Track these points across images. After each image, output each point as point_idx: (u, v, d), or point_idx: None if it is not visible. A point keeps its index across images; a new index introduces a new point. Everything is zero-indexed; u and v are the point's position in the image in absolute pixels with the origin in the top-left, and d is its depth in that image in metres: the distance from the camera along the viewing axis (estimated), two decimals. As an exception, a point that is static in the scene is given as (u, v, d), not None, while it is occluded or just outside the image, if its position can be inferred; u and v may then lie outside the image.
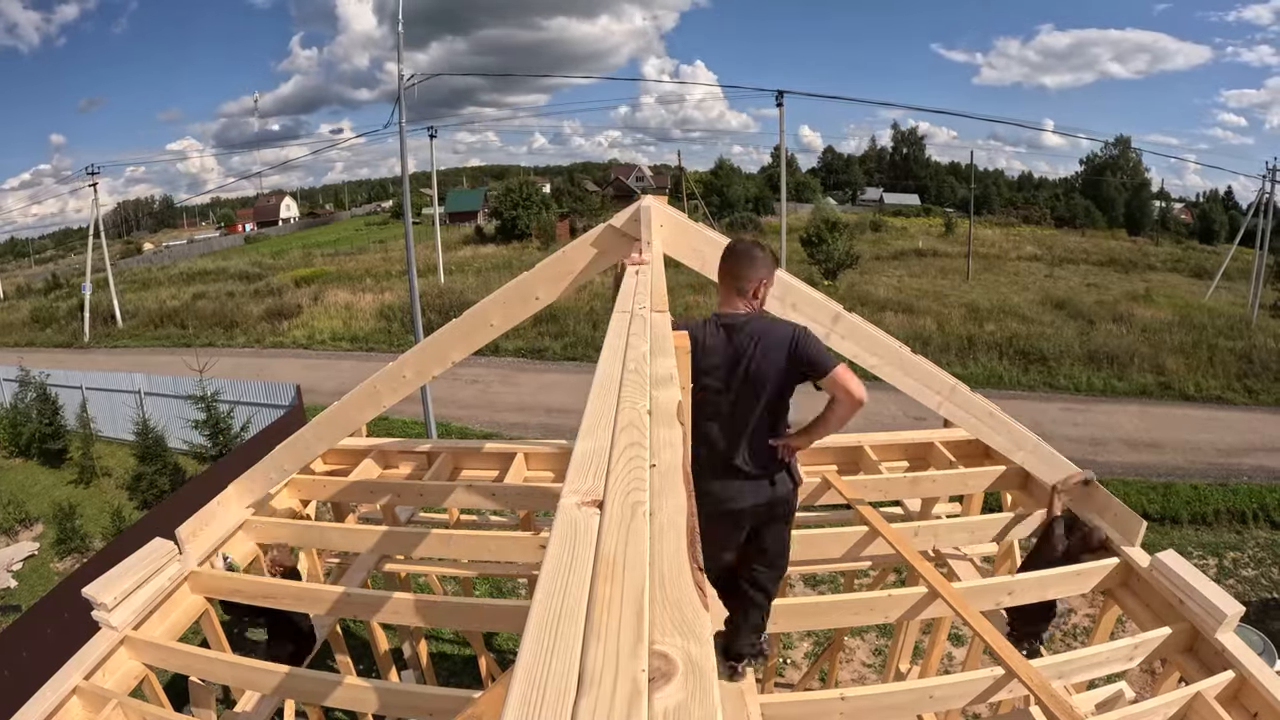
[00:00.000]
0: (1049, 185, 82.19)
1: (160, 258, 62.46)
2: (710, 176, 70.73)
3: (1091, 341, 21.75)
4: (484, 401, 18.55)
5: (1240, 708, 3.23)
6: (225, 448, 13.49)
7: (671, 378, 1.61)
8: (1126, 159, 73.88)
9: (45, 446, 16.06)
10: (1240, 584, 10.45)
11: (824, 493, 4.95)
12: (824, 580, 9.92)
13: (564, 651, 0.70)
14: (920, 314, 25.95)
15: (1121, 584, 4.00)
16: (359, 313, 29.11)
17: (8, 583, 11.46)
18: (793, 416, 2.88)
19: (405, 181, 15.49)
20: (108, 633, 3.81)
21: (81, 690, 3.53)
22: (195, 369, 13.88)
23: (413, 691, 3.81)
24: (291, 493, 5.38)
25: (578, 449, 1.17)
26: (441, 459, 5.91)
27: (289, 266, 44.79)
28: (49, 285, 48.21)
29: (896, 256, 43.97)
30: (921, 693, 3.39)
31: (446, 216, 60.03)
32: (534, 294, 3.70)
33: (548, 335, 23.65)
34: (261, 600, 4.57)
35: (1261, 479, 13.33)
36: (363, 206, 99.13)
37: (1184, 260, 47.52)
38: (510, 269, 32.90)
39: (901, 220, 62.97)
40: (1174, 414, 17.18)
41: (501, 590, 10.10)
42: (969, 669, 5.34)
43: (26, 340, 31.66)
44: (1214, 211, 69.74)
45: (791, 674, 8.54)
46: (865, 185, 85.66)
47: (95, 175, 33.88)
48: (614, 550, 0.86)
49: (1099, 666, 3.49)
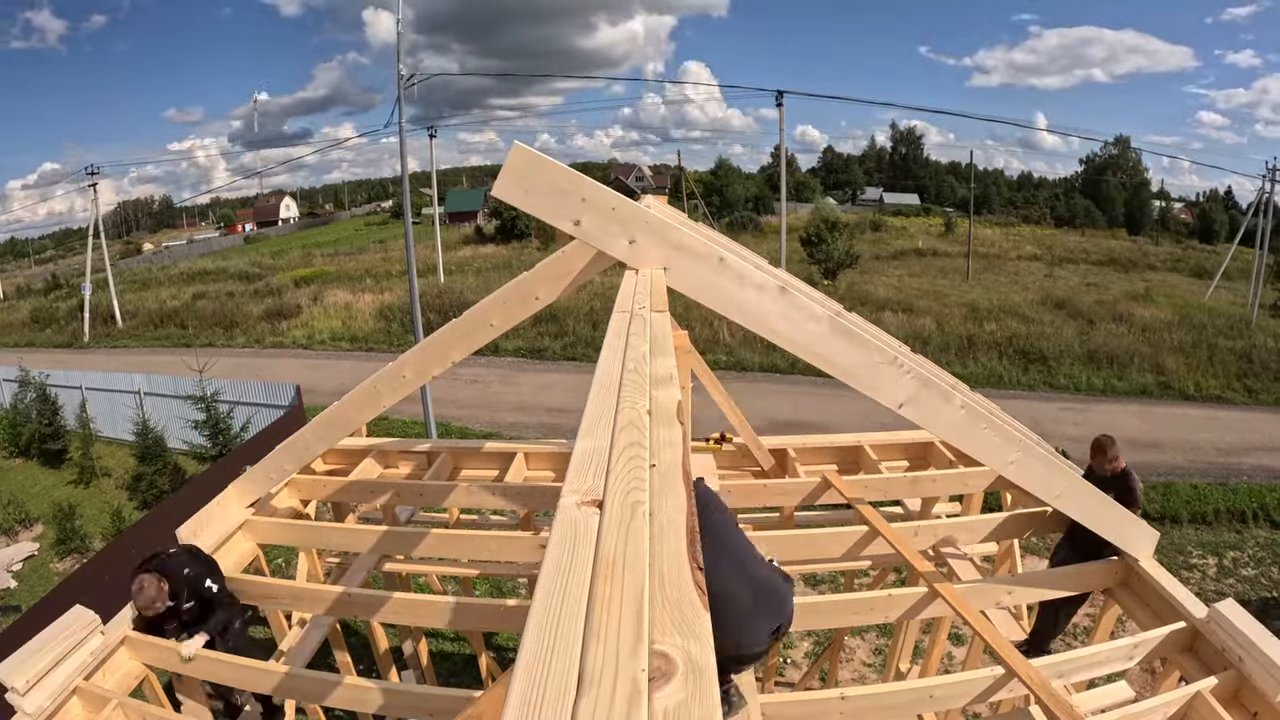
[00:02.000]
0: (1049, 185, 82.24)
1: (160, 258, 62.48)
2: (710, 176, 70.74)
3: (1091, 341, 21.75)
4: (484, 401, 18.54)
5: (1240, 707, 3.23)
6: (225, 448, 13.48)
7: (671, 378, 1.61)
8: (1126, 158, 73.90)
9: (45, 447, 16.05)
10: (1240, 583, 10.45)
11: (824, 492, 4.95)
12: (824, 580, 9.92)
13: (564, 651, 0.70)
14: (920, 314, 25.95)
15: (1121, 584, 4.00)
16: (359, 313, 29.11)
17: (8, 583, 11.46)
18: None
19: (405, 181, 15.49)
20: (107, 632, 3.81)
21: (81, 690, 3.53)
22: (195, 369, 13.88)
23: (413, 691, 3.81)
24: (291, 493, 5.38)
25: (578, 448, 1.17)
26: (441, 459, 5.91)
27: (289, 267, 44.80)
28: (49, 285, 48.23)
29: (896, 256, 43.99)
30: (922, 692, 3.39)
31: (446, 216, 60.02)
32: (534, 294, 3.70)
33: (548, 335, 23.66)
34: (261, 600, 4.57)
35: (1261, 478, 13.33)
36: (362, 206, 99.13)
37: (1184, 260, 47.53)
38: (510, 269, 32.90)
39: (901, 220, 62.98)
40: (1174, 413, 17.19)
41: (501, 590, 10.10)
42: (969, 668, 5.34)
43: (26, 340, 31.66)
44: (1214, 211, 69.70)
45: (792, 673, 8.54)
46: (865, 185, 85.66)
47: (95, 175, 33.89)
48: (614, 550, 0.86)
49: (1099, 666, 3.49)
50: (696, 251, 2.73)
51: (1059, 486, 3.47)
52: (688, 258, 2.73)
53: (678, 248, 2.72)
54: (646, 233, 2.69)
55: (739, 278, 2.76)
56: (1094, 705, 3.62)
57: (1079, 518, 3.63)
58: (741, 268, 2.78)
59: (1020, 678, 3.24)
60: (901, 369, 2.96)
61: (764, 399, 16.58)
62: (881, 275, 36.27)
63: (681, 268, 2.73)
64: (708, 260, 2.74)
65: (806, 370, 19.17)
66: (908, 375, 2.97)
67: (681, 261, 2.73)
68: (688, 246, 2.72)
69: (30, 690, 3.31)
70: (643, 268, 2.68)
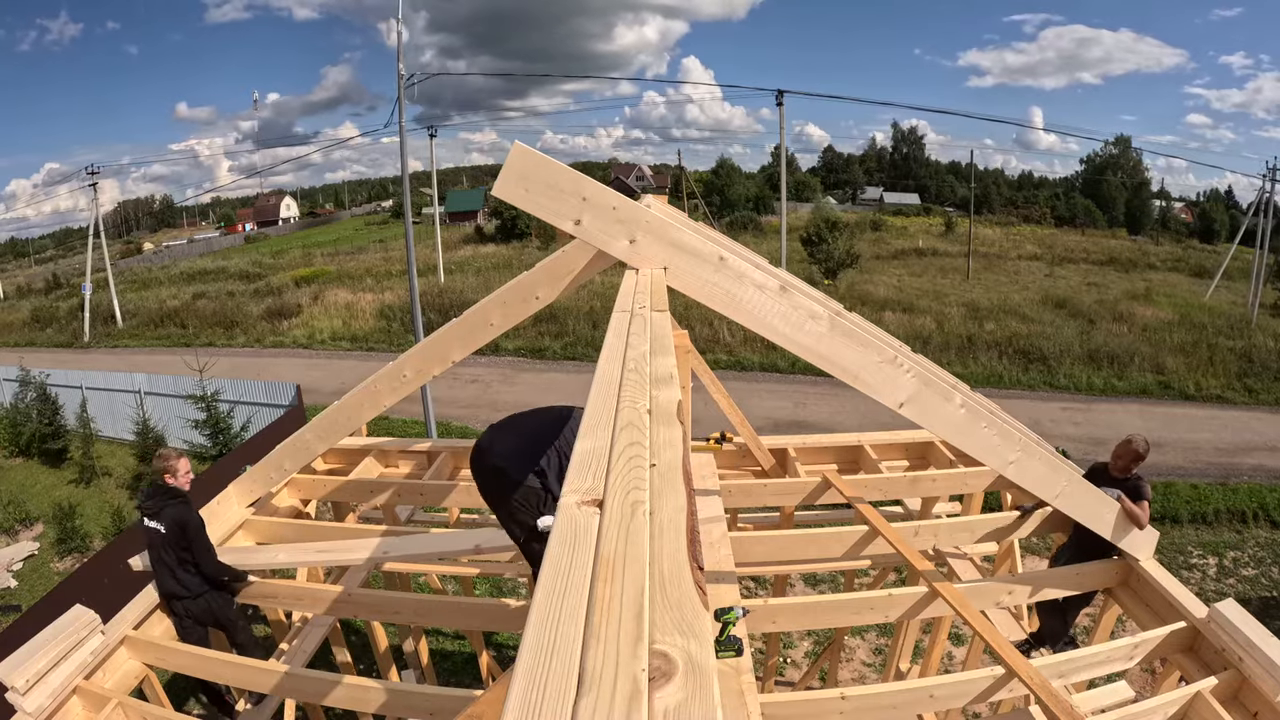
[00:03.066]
0: (1049, 184, 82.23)
1: (160, 257, 62.49)
2: (710, 176, 70.75)
3: (1092, 341, 21.76)
4: (484, 401, 18.54)
5: (1240, 707, 3.23)
6: (225, 447, 13.49)
7: (671, 377, 1.61)
8: (1126, 158, 73.89)
9: (45, 446, 16.05)
10: (1240, 583, 10.45)
11: (824, 492, 4.95)
12: (824, 579, 9.92)
13: (564, 651, 0.70)
14: (920, 313, 25.95)
15: (1121, 583, 4.00)
16: (359, 312, 29.12)
17: (8, 582, 11.46)
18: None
19: (405, 181, 15.49)
20: (108, 632, 3.81)
21: (82, 690, 3.53)
22: (195, 369, 13.88)
23: (413, 691, 3.80)
24: (292, 492, 5.39)
25: (578, 448, 1.17)
26: (441, 458, 5.91)
27: (289, 266, 44.80)
28: (49, 285, 48.26)
29: (896, 256, 43.98)
30: (922, 692, 3.39)
31: (446, 216, 60.03)
32: (534, 294, 3.70)
33: (548, 335, 23.67)
34: (262, 599, 4.58)
35: (1261, 478, 13.33)
36: (363, 206, 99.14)
37: (1184, 259, 47.50)
38: (510, 268, 32.92)
39: (901, 219, 62.97)
40: (1174, 413, 17.18)
41: (501, 590, 10.10)
42: (969, 668, 5.34)
43: (27, 340, 31.66)
44: (1214, 211, 69.67)
45: (792, 673, 8.54)
46: (865, 184, 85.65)
47: (95, 175, 33.90)
48: (614, 550, 0.86)
49: (1099, 666, 3.49)
50: (697, 251, 2.73)
51: (1058, 485, 3.48)
52: (688, 257, 2.72)
53: (678, 247, 2.71)
54: (646, 232, 2.69)
55: (739, 277, 2.75)
56: (1094, 705, 3.62)
57: (1078, 516, 3.64)
58: (741, 267, 2.77)
59: (1020, 678, 3.24)
60: (902, 368, 2.96)
61: (764, 399, 16.59)
62: (882, 275, 36.26)
63: (681, 267, 2.72)
64: (708, 260, 2.74)
65: (806, 370, 19.17)
66: (908, 375, 2.97)
67: (681, 261, 2.72)
68: (688, 246, 2.72)
69: (30, 690, 3.30)
70: (643, 267, 2.68)
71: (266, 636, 6.75)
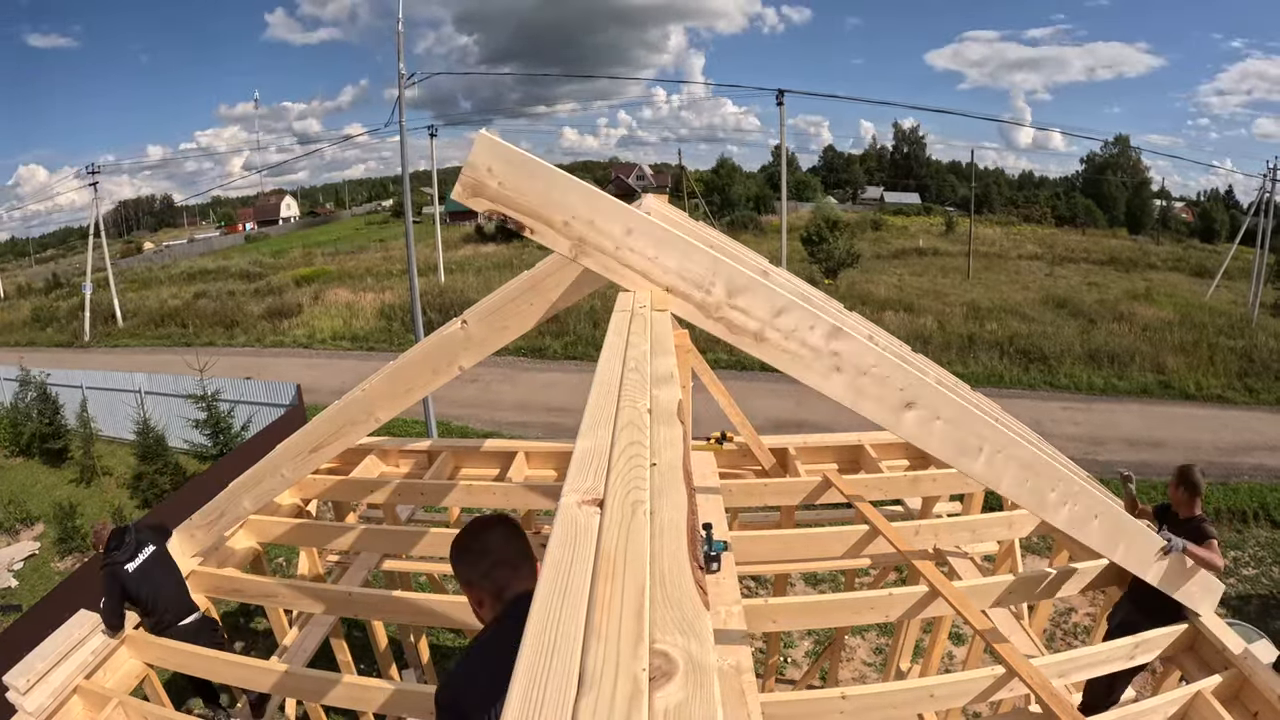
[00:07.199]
0: (1050, 184, 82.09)
1: (160, 257, 62.49)
2: (711, 175, 70.72)
3: (1092, 340, 21.75)
4: (484, 400, 18.54)
5: (1240, 706, 3.23)
6: (226, 447, 13.49)
7: (672, 376, 1.61)
8: (1127, 158, 73.85)
9: (46, 446, 16.06)
10: (1241, 583, 10.44)
11: (825, 491, 4.95)
12: (824, 579, 9.92)
13: (564, 651, 0.70)
14: (921, 313, 25.94)
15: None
16: (359, 312, 29.12)
17: (8, 582, 11.47)
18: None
19: (405, 180, 15.49)
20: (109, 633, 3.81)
21: (82, 689, 3.54)
22: (196, 368, 13.88)
23: (413, 690, 3.81)
24: (292, 491, 5.39)
25: (578, 448, 1.17)
26: (442, 458, 5.91)
27: (289, 266, 44.81)
28: (49, 285, 48.25)
29: (897, 255, 43.98)
30: (922, 691, 3.39)
31: (447, 215, 59.97)
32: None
33: (548, 334, 23.66)
34: (262, 598, 4.58)
35: (1262, 478, 13.32)
36: (363, 205, 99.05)
37: (1185, 259, 47.47)
38: (510, 268, 32.89)
39: (902, 219, 62.93)
40: (1175, 413, 17.17)
41: (502, 589, 10.10)
42: (969, 668, 5.34)
43: (27, 340, 31.66)
44: (1215, 210, 69.58)
45: (792, 672, 8.54)
46: (866, 184, 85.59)
47: (95, 174, 33.90)
48: (614, 549, 0.86)
49: (1099, 665, 3.49)
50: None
51: (1121, 541, 3.07)
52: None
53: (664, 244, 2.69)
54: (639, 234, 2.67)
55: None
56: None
57: (1148, 576, 3.22)
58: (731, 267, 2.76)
59: (1020, 677, 3.24)
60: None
61: (764, 398, 16.58)
62: (882, 274, 36.24)
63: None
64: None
65: (807, 369, 19.07)
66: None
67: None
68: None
69: (31, 689, 3.32)
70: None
71: (266, 634, 6.76)
